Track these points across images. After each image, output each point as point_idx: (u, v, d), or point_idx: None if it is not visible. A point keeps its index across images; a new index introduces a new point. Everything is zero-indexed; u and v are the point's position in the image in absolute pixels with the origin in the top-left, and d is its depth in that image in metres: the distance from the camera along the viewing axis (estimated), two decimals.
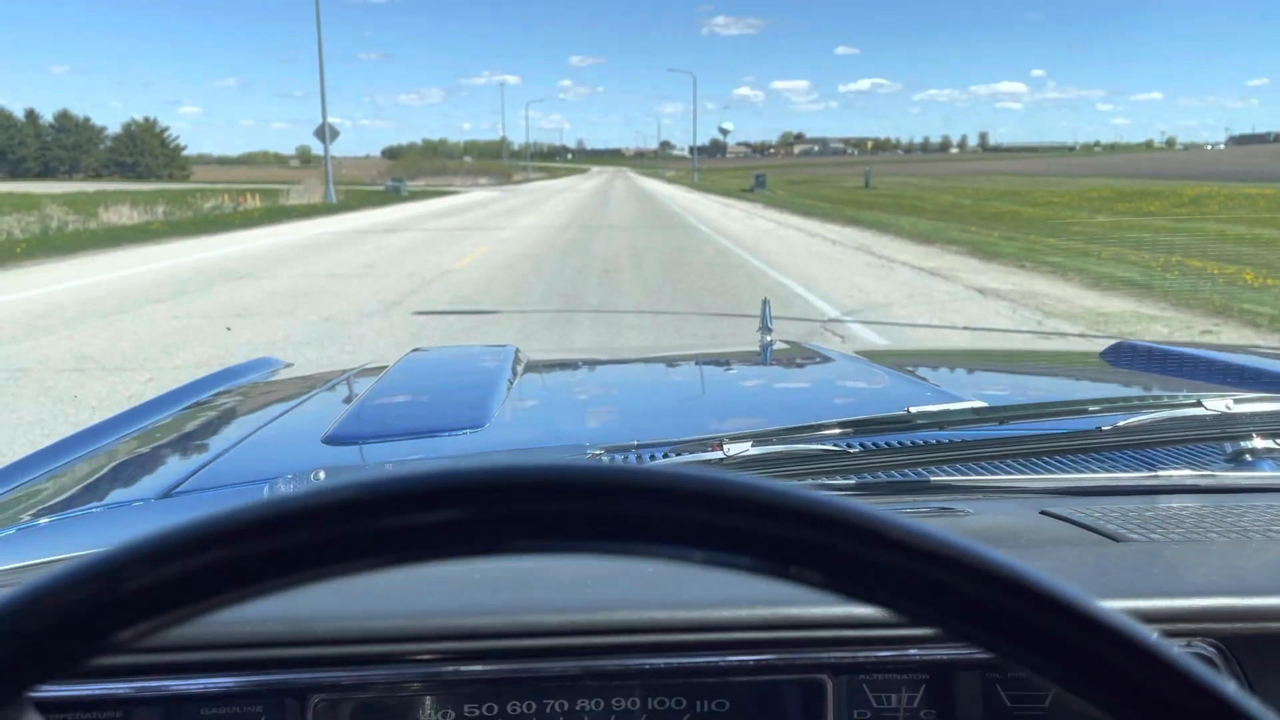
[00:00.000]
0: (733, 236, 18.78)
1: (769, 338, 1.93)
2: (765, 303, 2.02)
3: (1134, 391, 1.59)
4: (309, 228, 22.53)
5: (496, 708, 0.67)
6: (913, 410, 1.06)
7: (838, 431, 1.03)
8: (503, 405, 1.33)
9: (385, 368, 1.63)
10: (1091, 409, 1.09)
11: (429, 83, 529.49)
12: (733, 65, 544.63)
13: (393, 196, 41.40)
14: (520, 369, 1.61)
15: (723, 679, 0.68)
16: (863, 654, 0.68)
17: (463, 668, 0.66)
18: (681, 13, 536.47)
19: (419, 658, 0.66)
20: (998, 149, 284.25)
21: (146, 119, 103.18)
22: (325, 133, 33.79)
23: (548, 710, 0.68)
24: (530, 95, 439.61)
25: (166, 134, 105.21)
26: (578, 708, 0.68)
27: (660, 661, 0.67)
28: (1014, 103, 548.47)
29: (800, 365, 1.91)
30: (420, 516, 0.28)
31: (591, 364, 2.04)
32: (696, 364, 2.02)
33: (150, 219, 24.19)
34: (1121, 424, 1.05)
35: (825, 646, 0.68)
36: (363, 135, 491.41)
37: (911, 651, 0.68)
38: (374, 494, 0.28)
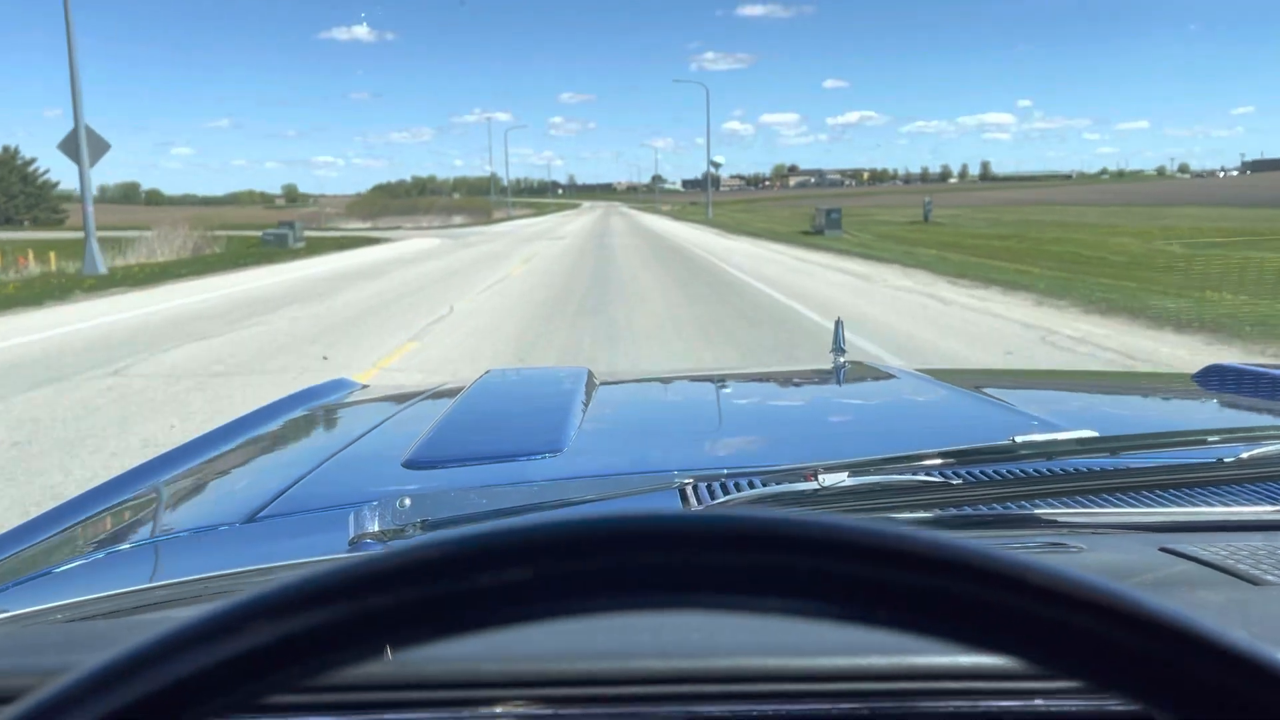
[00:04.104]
0: None
1: (841, 359, 1.93)
2: (839, 323, 2.01)
3: (1255, 420, 1.49)
4: None
5: None
6: (1018, 440, 1.02)
7: (939, 461, 1.00)
8: (580, 428, 1.33)
9: (461, 388, 1.65)
10: (1211, 439, 1.04)
11: (420, 121, 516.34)
12: (722, 100, 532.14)
13: (274, 252, 28.36)
14: (594, 391, 1.63)
15: None
16: (984, 704, 0.63)
17: (561, 712, 0.62)
18: (671, 50, 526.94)
19: (515, 703, 0.62)
20: (996, 178, 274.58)
21: (6, 149, 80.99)
22: (80, 142, 19.83)
23: None
24: (521, 133, 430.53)
25: (32, 168, 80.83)
26: None
27: (769, 709, 0.62)
28: (1002, 133, 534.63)
29: (877, 386, 1.93)
30: (508, 574, 0.25)
31: (665, 383, 2.13)
32: (772, 384, 2.10)
33: None
34: (1246, 455, 1.00)
35: (947, 696, 0.62)
36: (355, 173, 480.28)
37: (1038, 702, 0.63)
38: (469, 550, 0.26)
